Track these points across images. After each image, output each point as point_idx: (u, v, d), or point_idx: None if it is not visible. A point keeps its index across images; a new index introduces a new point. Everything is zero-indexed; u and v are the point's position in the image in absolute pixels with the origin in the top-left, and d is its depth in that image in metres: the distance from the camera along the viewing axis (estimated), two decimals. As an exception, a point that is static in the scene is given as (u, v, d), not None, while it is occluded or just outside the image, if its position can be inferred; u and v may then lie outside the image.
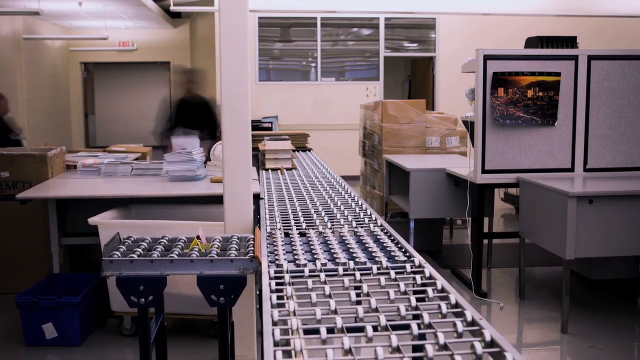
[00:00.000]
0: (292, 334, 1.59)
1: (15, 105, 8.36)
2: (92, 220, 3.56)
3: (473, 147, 4.64)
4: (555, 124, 4.50)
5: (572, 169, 4.58)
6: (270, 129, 9.46)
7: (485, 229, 5.39)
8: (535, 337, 4.07)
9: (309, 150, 6.52)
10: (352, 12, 10.20)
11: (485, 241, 5.44)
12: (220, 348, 2.47)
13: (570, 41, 4.62)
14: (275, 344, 1.51)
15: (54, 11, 9.64)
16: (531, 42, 4.71)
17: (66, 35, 11.92)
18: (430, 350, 1.43)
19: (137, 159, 6.08)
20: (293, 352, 1.47)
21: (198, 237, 2.63)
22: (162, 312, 2.79)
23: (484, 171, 4.50)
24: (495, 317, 4.37)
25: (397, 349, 1.48)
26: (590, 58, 4.48)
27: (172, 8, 9.46)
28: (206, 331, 3.94)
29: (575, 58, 4.47)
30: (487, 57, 4.39)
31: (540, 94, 4.42)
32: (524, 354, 3.86)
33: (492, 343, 1.51)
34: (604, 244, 3.90)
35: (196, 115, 5.99)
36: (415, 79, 11.88)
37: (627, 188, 4.07)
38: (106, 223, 3.54)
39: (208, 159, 5.06)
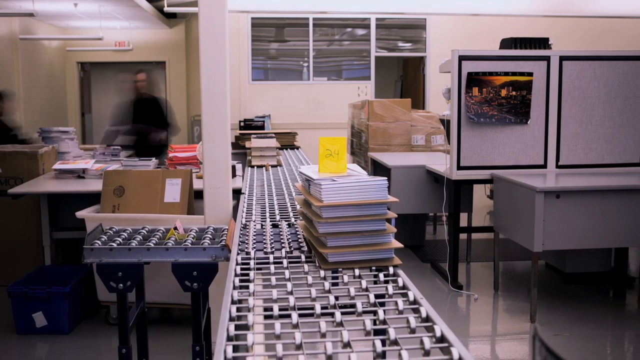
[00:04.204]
0: (250, 312, 1.76)
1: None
2: (79, 214, 3.73)
3: (449, 144, 4.81)
4: (528, 122, 4.68)
5: (544, 166, 4.75)
6: (262, 127, 9.61)
7: (466, 224, 5.58)
8: (506, 326, 4.24)
9: (297, 148, 6.68)
10: (343, 13, 10.36)
11: (465, 236, 5.62)
12: (194, 331, 2.64)
13: (543, 42, 4.78)
14: (231, 319, 1.68)
15: (50, 12, 9.80)
16: (505, 43, 4.88)
17: (62, 35, 12.07)
18: (368, 324, 1.59)
19: (129, 156, 6.27)
20: (247, 325, 1.64)
21: (175, 228, 2.80)
22: (143, 299, 2.95)
23: (459, 168, 4.67)
24: (469, 308, 4.54)
25: (340, 324, 1.64)
26: (562, 59, 4.65)
27: (166, 9, 9.62)
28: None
29: (547, 59, 4.64)
30: (462, 58, 4.55)
31: (514, 93, 4.59)
32: (496, 343, 4.03)
33: (427, 319, 1.67)
34: (571, 237, 4.07)
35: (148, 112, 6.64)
36: (406, 78, 12.04)
37: (593, 183, 4.25)
38: (92, 216, 3.70)
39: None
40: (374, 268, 2.15)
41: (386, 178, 2.16)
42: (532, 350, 2.94)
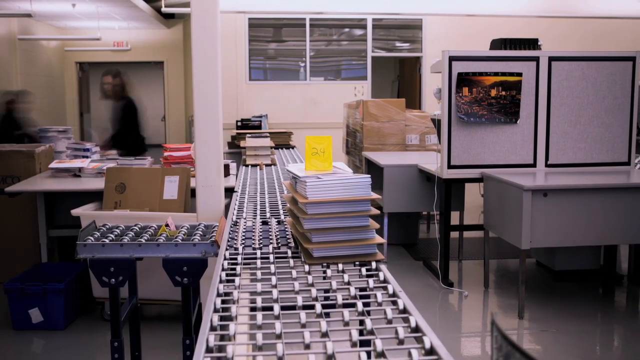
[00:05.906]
0: (234, 304, 1.83)
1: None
2: (75, 211, 3.80)
3: (440, 144, 4.88)
4: (518, 122, 4.74)
5: (534, 165, 4.81)
6: (259, 127, 9.67)
7: (458, 223, 5.64)
8: (495, 323, 4.30)
9: (292, 147, 6.76)
10: (340, 14, 10.43)
11: (457, 234, 5.69)
12: (184, 325, 2.70)
13: (532, 43, 4.85)
14: (216, 310, 1.75)
15: (48, 12, 9.87)
16: (495, 44, 4.94)
17: (61, 35, 12.15)
18: (347, 315, 1.66)
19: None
20: (231, 316, 1.71)
21: (167, 225, 2.87)
22: (135, 295, 3.02)
23: (449, 167, 4.74)
24: (459, 305, 4.60)
25: (320, 315, 1.71)
26: (551, 59, 4.72)
27: (164, 9, 9.69)
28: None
29: (536, 59, 4.71)
30: (452, 58, 4.62)
31: (503, 93, 4.66)
32: (485, 339, 4.09)
33: (404, 310, 1.74)
34: (558, 235, 4.14)
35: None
36: (403, 78, 12.11)
37: (580, 182, 4.31)
38: (87, 214, 3.77)
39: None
40: (357, 263, 2.21)
41: (369, 176, 2.22)
42: (491, 338, 3.01)
